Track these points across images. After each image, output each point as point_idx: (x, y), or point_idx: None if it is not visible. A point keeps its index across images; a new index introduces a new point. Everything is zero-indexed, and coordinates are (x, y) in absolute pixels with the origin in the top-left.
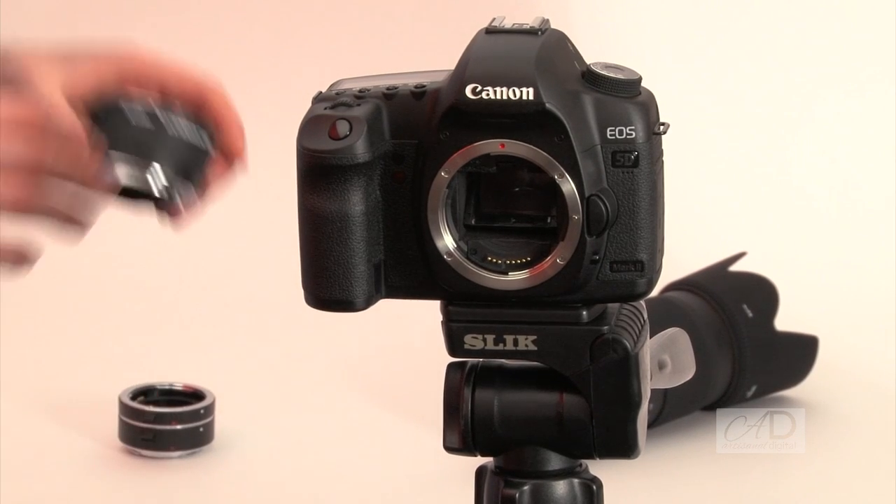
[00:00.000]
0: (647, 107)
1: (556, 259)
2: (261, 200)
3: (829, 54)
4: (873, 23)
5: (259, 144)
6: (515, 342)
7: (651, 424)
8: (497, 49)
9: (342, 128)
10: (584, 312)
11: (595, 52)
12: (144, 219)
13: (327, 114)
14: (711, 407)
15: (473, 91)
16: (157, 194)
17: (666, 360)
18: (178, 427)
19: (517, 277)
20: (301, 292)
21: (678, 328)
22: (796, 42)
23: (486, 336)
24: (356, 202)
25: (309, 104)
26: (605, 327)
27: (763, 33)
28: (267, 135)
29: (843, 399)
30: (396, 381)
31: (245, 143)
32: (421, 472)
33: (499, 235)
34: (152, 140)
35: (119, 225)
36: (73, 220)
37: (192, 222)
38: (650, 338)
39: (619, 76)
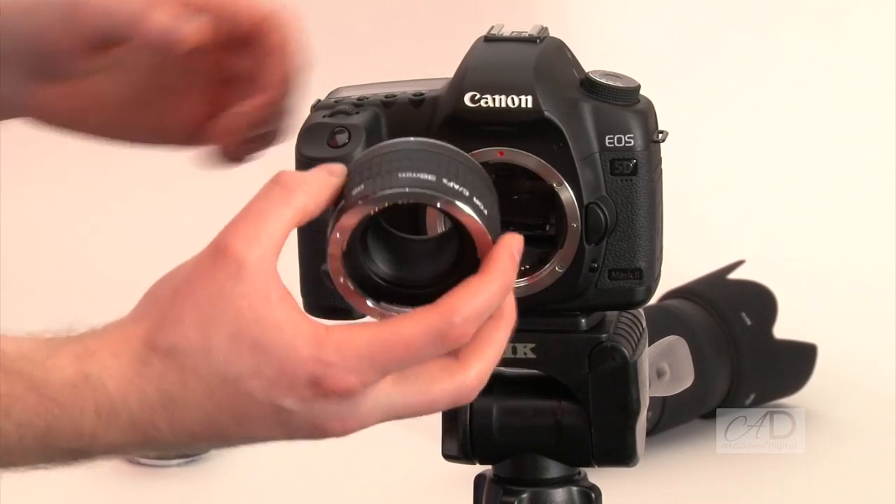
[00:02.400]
0: (646, 115)
1: (555, 267)
2: None
3: (827, 63)
4: (872, 33)
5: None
6: (514, 350)
7: (650, 432)
8: (495, 57)
9: (341, 136)
10: (583, 320)
11: (594, 59)
12: (143, 226)
13: (326, 122)
14: (710, 415)
15: (472, 99)
16: None
17: (664, 367)
18: None
19: (516, 285)
20: (300, 300)
21: (677, 336)
22: (795, 50)
23: None
24: None
25: (308, 112)
26: (604, 335)
27: (761, 41)
28: None
29: (841, 406)
30: None
31: (290, 76)
32: (419, 480)
33: None
34: None
35: (117, 232)
36: None
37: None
38: (649, 346)
39: (618, 84)
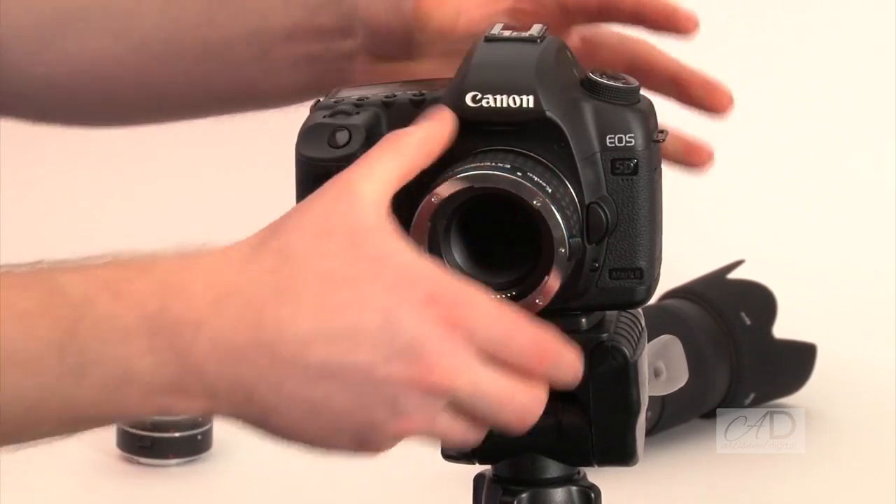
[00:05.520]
0: (647, 114)
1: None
2: (259, 208)
3: (827, 62)
4: (873, 33)
5: (258, 152)
6: None
7: (649, 432)
8: (497, 57)
9: (341, 136)
10: (583, 320)
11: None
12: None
13: (326, 122)
14: (710, 415)
15: (473, 99)
16: None
17: (661, 367)
18: (176, 434)
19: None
20: None
21: (670, 335)
22: (793, 50)
23: None
24: None
25: (308, 112)
26: (604, 335)
27: (760, 41)
28: (266, 143)
29: (841, 406)
30: None
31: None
32: (419, 479)
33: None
34: None
35: (116, 231)
36: None
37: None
38: None
39: (619, 84)
